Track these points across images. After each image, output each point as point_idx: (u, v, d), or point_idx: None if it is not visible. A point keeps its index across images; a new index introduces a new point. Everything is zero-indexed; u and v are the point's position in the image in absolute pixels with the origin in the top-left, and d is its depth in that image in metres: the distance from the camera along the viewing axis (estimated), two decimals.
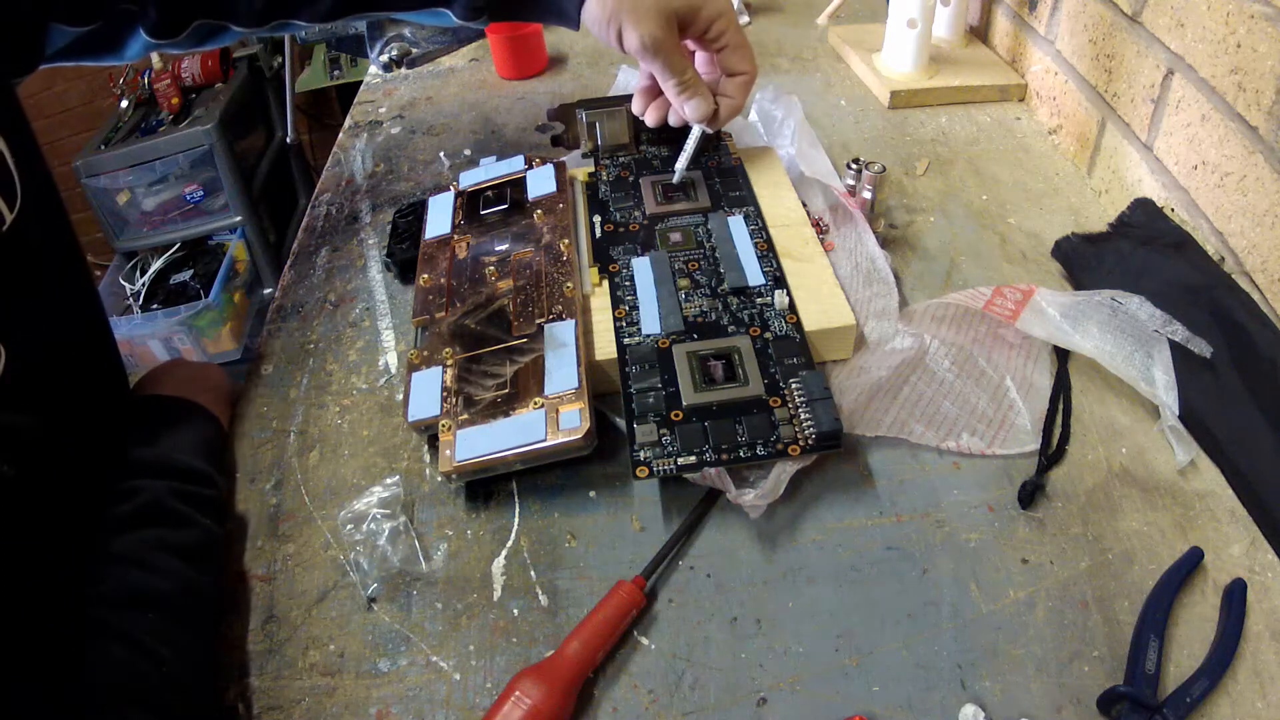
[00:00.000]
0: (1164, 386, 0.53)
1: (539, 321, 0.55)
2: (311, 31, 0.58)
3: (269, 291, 1.91)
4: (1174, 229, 0.63)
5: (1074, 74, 0.78)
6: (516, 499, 0.52)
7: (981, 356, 0.57)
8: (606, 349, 0.54)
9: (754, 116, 0.77)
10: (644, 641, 0.45)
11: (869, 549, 0.48)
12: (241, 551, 0.50)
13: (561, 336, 0.53)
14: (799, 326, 0.54)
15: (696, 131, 0.65)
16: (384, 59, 1.02)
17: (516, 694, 0.40)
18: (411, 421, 0.52)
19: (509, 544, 0.49)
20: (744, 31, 0.62)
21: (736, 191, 0.66)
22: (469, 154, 0.84)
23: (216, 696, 0.43)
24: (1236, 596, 0.44)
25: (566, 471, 0.52)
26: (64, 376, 0.48)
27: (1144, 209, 0.66)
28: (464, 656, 0.44)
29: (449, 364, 0.54)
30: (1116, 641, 0.43)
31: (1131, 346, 0.54)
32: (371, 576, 0.48)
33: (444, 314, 0.58)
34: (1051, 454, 0.52)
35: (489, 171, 0.70)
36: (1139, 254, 0.62)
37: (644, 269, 0.59)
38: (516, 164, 0.70)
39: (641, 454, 0.48)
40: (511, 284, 0.59)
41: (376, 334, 0.64)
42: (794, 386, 0.51)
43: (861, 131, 0.84)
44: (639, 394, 0.51)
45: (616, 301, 0.57)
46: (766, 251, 0.60)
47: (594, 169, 0.70)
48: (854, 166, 0.67)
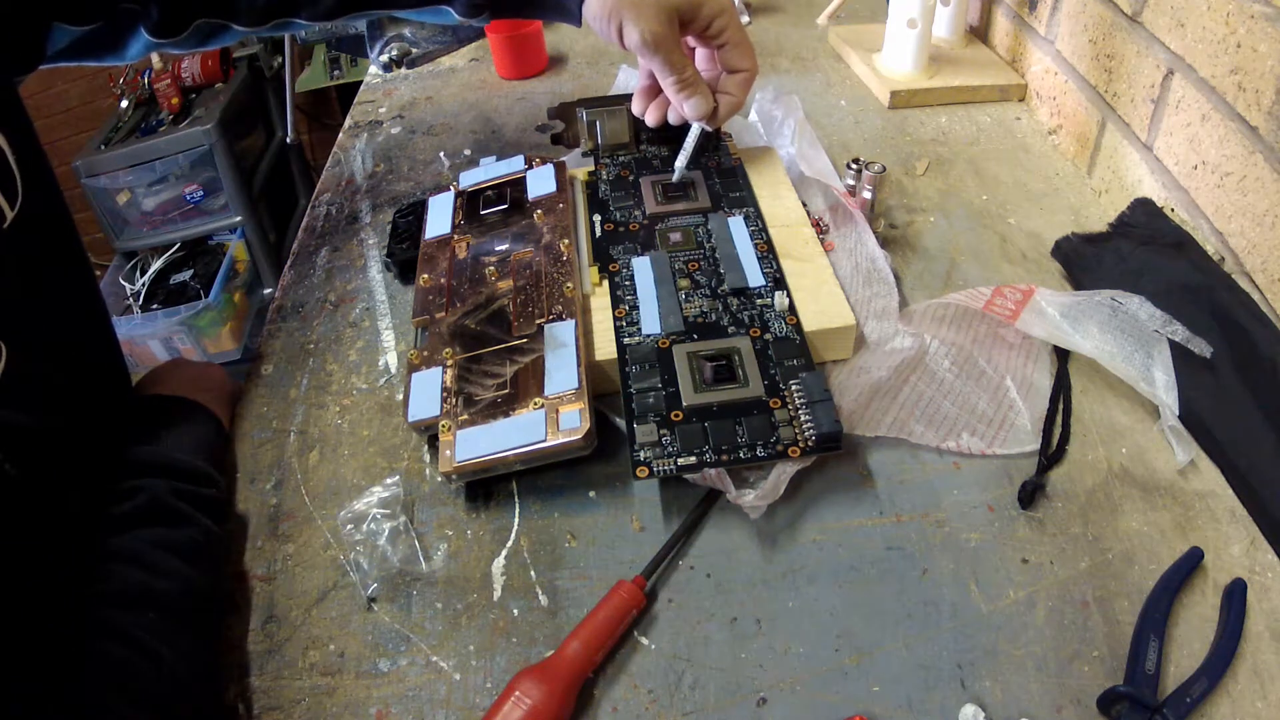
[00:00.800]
0: (1164, 386, 0.53)
1: (539, 321, 0.55)
2: (312, 31, 0.58)
3: (269, 291, 1.91)
4: (1174, 229, 0.63)
5: (1074, 74, 0.78)
6: (516, 499, 0.52)
7: (981, 356, 0.57)
8: (606, 349, 0.54)
9: (754, 116, 0.77)
10: (644, 641, 0.45)
11: (869, 549, 0.48)
12: (241, 551, 0.50)
13: (561, 336, 0.53)
14: (799, 328, 0.54)
15: (696, 130, 0.65)
16: (384, 59, 1.02)
17: (516, 694, 0.40)
18: (411, 422, 0.52)
19: (509, 544, 0.49)
20: (744, 29, 0.62)
21: (736, 191, 0.66)
22: (469, 154, 0.84)
23: (216, 696, 0.43)
24: (1236, 596, 0.44)
25: (566, 471, 0.52)
26: (65, 375, 0.48)
27: (1144, 209, 0.66)
28: (464, 656, 0.44)
29: (449, 364, 0.54)
30: (1116, 641, 0.43)
31: (1131, 346, 0.54)
32: (371, 576, 0.48)
33: (444, 314, 0.58)
34: (1051, 454, 0.52)
35: (489, 171, 0.70)
36: (1139, 254, 0.62)
37: (644, 269, 0.59)
38: (516, 164, 0.70)
39: (641, 454, 0.48)
40: (511, 284, 0.59)
41: (376, 334, 0.64)
42: (794, 388, 0.51)
43: (861, 131, 0.84)
44: (639, 394, 0.51)
45: (616, 301, 0.57)
46: (766, 252, 0.60)
47: (594, 168, 0.70)
48: (854, 166, 0.67)
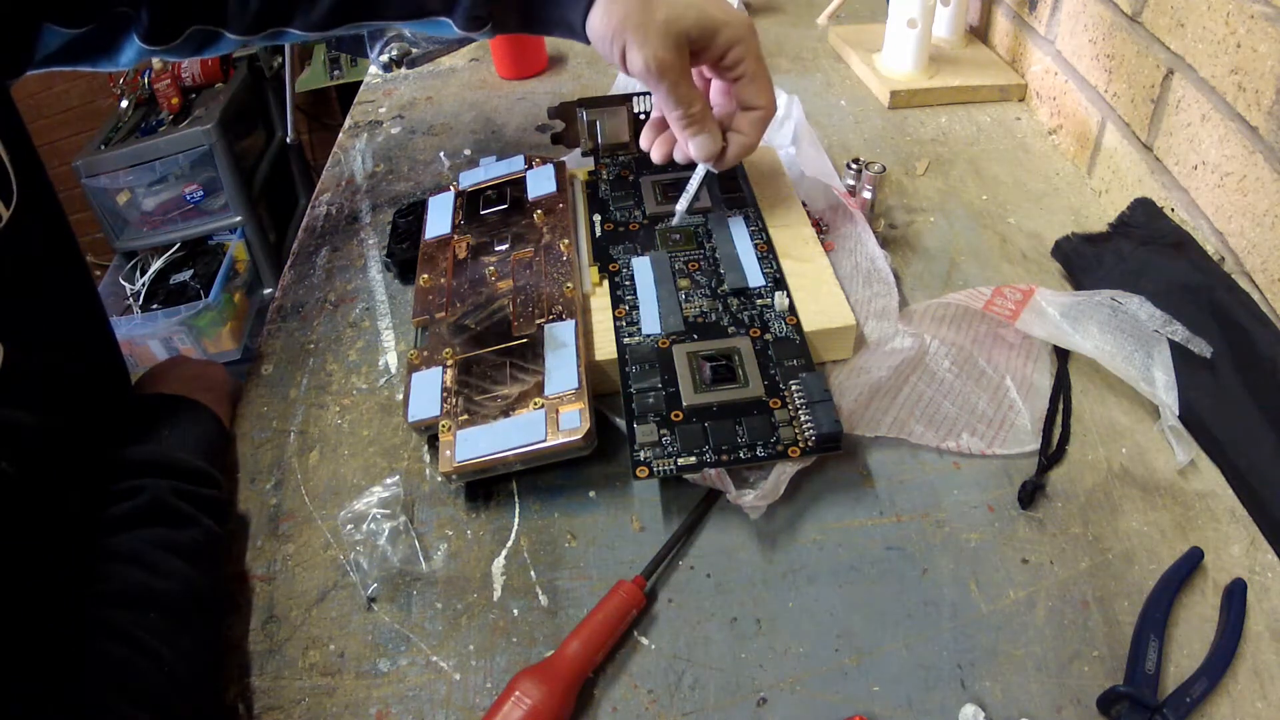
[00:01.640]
0: (1164, 386, 0.53)
1: (539, 321, 0.55)
2: (307, 41, 0.57)
3: (269, 291, 1.91)
4: (1174, 229, 0.63)
5: (1074, 74, 0.78)
6: (516, 499, 0.52)
7: (981, 356, 0.57)
8: (606, 349, 0.54)
9: None
10: (644, 641, 0.45)
11: (869, 549, 0.48)
12: (241, 551, 0.50)
13: (561, 336, 0.53)
14: (799, 328, 0.54)
15: (700, 171, 0.60)
16: (384, 59, 1.02)
17: (516, 694, 0.40)
18: (411, 422, 0.52)
19: (509, 544, 0.49)
20: (765, 62, 0.56)
21: (736, 192, 0.66)
22: (469, 154, 0.84)
23: (217, 696, 0.43)
24: (1236, 596, 0.44)
25: (566, 471, 0.52)
26: (64, 374, 0.48)
27: (1144, 209, 0.66)
28: (464, 656, 0.44)
29: (449, 364, 0.54)
30: (1116, 641, 0.43)
31: (1131, 346, 0.54)
32: (371, 576, 0.48)
33: (444, 314, 0.58)
34: (1051, 454, 0.52)
35: (489, 171, 0.70)
36: (1139, 254, 0.62)
37: (644, 269, 0.59)
38: (516, 164, 0.70)
39: (641, 454, 0.48)
40: (511, 284, 0.59)
41: (376, 334, 0.64)
42: (794, 388, 0.51)
43: (861, 131, 0.84)
44: (639, 394, 0.51)
45: (616, 301, 0.57)
46: (766, 253, 0.60)
47: (594, 168, 0.70)
48: (854, 166, 0.67)
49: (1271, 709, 0.41)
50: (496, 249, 0.62)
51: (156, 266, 1.82)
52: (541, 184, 0.66)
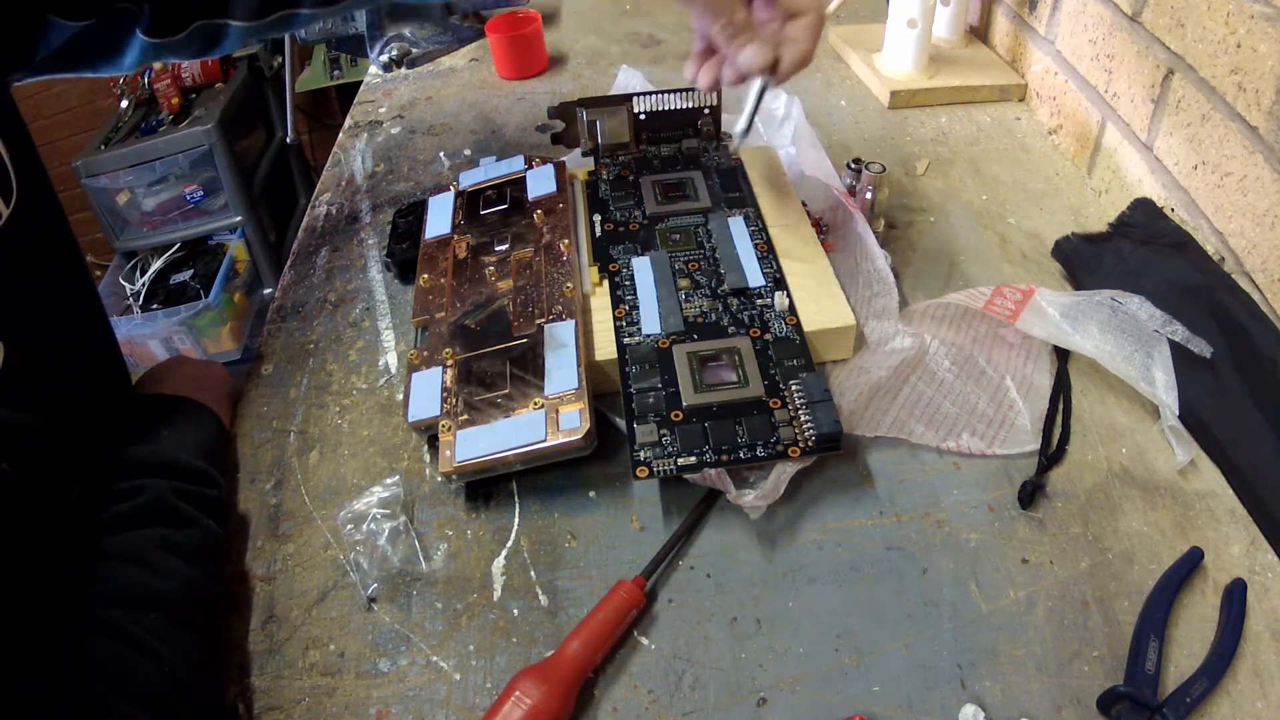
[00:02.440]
0: (1164, 386, 0.53)
1: (539, 321, 0.55)
2: (313, 30, 0.55)
3: (269, 291, 1.91)
4: (1174, 229, 0.63)
5: (1074, 74, 0.78)
6: (516, 499, 0.52)
7: (981, 356, 0.57)
8: (606, 349, 0.54)
9: None
10: (644, 641, 0.45)
11: (869, 549, 0.48)
12: (242, 551, 0.50)
13: (561, 336, 0.53)
14: (799, 328, 0.54)
15: (756, 86, 0.56)
16: (384, 59, 1.02)
17: (516, 694, 0.40)
18: (411, 422, 0.52)
19: (509, 544, 0.49)
20: None
21: (736, 191, 0.66)
22: (469, 154, 0.84)
23: (217, 696, 0.43)
24: (1236, 596, 0.44)
25: (566, 471, 0.52)
26: (64, 374, 0.48)
27: (1144, 209, 0.66)
28: (464, 656, 0.44)
29: (449, 364, 0.54)
30: (1116, 641, 0.43)
31: (1131, 346, 0.54)
32: (371, 576, 0.48)
33: (444, 314, 0.58)
34: (1051, 454, 0.52)
35: (489, 171, 0.70)
36: (1139, 254, 0.62)
37: (644, 269, 0.59)
38: (516, 164, 0.70)
39: (641, 454, 0.48)
40: (511, 284, 0.59)
41: (376, 334, 0.64)
42: (794, 388, 0.51)
43: (861, 131, 0.84)
44: (639, 394, 0.51)
45: (616, 301, 0.57)
46: (766, 253, 0.60)
47: (594, 168, 0.70)
48: (854, 166, 0.67)
49: (1271, 709, 0.41)
50: (496, 249, 0.62)
51: (156, 266, 1.82)
52: (541, 184, 0.66)
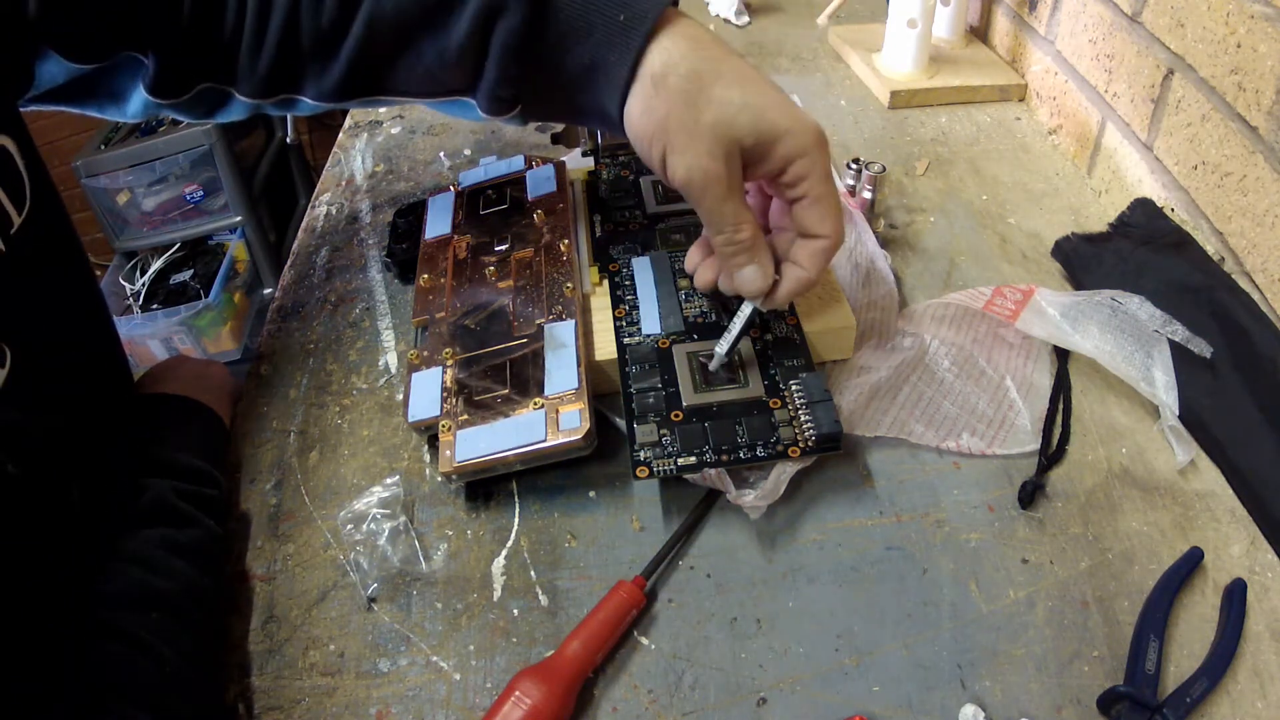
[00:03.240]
0: (1164, 386, 0.53)
1: (539, 321, 0.55)
2: (320, 111, 0.54)
3: (269, 291, 1.91)
4: (1174, 229, 0.63)
5: (1074, 74, 0.78)
6: (516, 499, 0.52)
7: (981, 356, 0.57)
8: (606, 349, 0.54)
9: None
10: (644, 641, 0.45)
11: (869, 549, 0.48)
12: (242, 551, 0.50)
13: (561, 336, 0.53)
14: (799, 328, 0.54)
15: (747, 309, 0.49)
16: None
17: (516, 694, 0.40)
18: (411, 422, 0.52)
19: (509, 544, 0.49)
20: (834, 181, 0.46)
21: None
22: (469, 154, 0.84)
23: (217, 696, 0.43)
24: (1236, 596, 0.44)
25: (566, 471, 0.52)
26: (68, 376, 0.48)
27: (1144, 209, 0.66)
28: (464, 656, 0.44)
29: (449, 364, 0.54)
30: (1116, 641, 0.43)
31: (1131, 346, 0.54)
32: (371, 576, 0.48)
33: (444, 314, 0.58)
34: (1051, 454, 0.52)
35: (489, 171, 0.70)
36: (1139, 254, 0.62)
37: (644, 269, 0.59)
38: (516, 164, 0.70)
39: (641, 454, 0.48)
40: (511, 284, 0.59)
41: (376, 334, 0.64)
42: (794, 388, 0.51)
43: (861, 131, 0.84)
44: (639, 394, 0.51)
45: (616, 301, 0.57)
46: None
47: (594, 168, 0.70)
48: (854, 166, 0.67)
49: (1271, 709, 0.41)
50: (496, 249, 0.62)
51: (156, 266, 1.82)
52: (541, 184, 0.66)
